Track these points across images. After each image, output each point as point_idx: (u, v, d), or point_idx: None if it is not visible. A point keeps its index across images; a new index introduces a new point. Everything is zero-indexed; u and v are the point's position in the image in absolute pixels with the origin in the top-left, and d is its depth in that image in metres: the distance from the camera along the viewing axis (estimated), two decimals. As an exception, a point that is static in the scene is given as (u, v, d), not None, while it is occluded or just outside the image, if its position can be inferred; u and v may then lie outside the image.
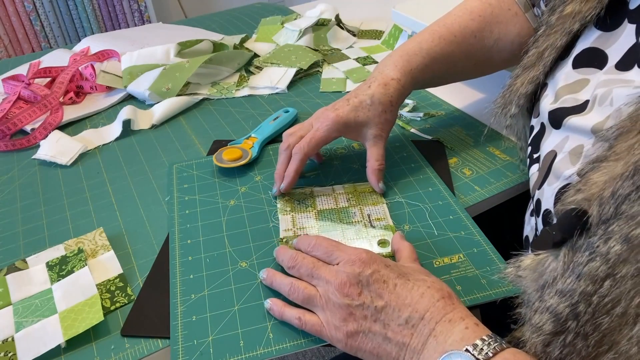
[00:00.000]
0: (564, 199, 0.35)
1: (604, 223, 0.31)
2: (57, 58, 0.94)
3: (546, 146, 0.44)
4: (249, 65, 0.90)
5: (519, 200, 0.60)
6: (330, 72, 0.86)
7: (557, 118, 0.43)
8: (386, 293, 0.39)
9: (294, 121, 0.72)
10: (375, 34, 0.99)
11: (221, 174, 0.62)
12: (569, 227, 0.33)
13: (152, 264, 0.51)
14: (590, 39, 0.44)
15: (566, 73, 0.45)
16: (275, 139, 0.68)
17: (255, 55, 0.93)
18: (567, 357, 0.32)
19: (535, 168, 0.46)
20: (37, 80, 0.85)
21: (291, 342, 0.42)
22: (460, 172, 0.61)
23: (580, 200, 0.33)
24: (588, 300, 0.31)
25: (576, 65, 0.44)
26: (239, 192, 0.59)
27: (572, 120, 0.41)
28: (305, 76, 0.86)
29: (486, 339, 0.34)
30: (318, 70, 0.88)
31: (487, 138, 0.66)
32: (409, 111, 0.73)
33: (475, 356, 0.33)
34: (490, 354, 0.33)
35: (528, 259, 0.37)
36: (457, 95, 0.76)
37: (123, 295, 0.48)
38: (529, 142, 0.49)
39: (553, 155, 0.42)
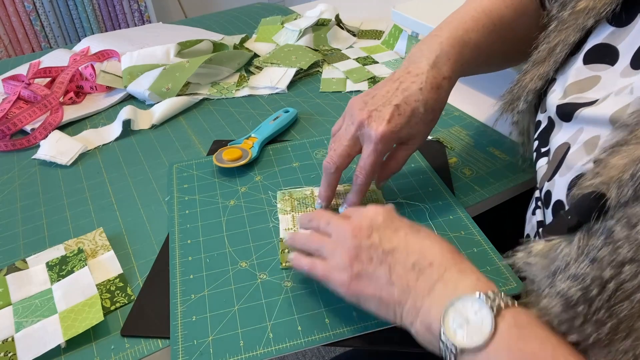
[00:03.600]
0: (581, 183, 0.34)
1: (622, 206, 0.31)
2: (57, 58, 0.94)
3: (557, 139, 0.43)
4: (249, 65, 0.90)
5: (519, 200, 0.60)
6: (330, 72, 0.86)
7: (567, 112, 0.42)
8: (396, 239, 0.40)
9: (293, 121, 0.72)
10: (375, 34, 0.99)
11: (221, 174, 0.62)
12: (586, 211, 0.33)
13: (152, 264, 0.51)
14: (603, 35, 0.43)
15: (577, 69, 0.44)
16: (275, 138, 0.69)
17: (255, 55, 0.93)
18: (573, 337, 0.32)
19: (543, 161, 0.45)
20: (37, 80, 0.85)
21: (291, 342, 0.42)
22: (460, 172, 0.61)
23: (598, 183, 0.33)
24: (602, 285, 0.30)
25: (587, 61, 0.43)
26: (239, 192, 0.59)
27: (586, 111, 0.40)
28: (305, 76, 0.86)
29: (498, 292, 0.34)
30: (318, 70, 0.88)
31: (487, 138, 0.66)
32: (409, 111, 0.73)
33: (488, 303, 0.33)
34: (502, 306, 0.33)
35: (539, 244, 0.36)
36: (457, 95, 0.76)
37: (123, 295, 0.48)
38: (535, 136, 0.48)
39: (566, 148, 0.41)
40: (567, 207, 0.37)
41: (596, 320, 0.31)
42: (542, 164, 0.45)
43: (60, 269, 0.50)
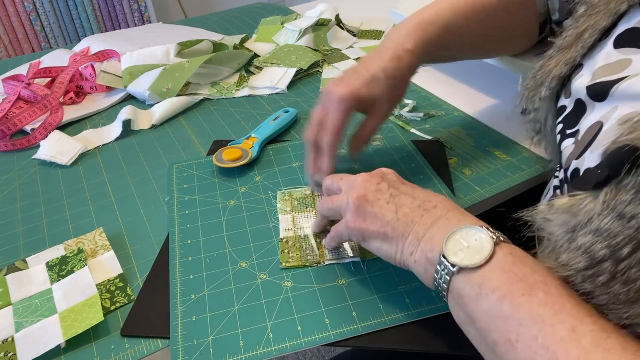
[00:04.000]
0: (616, 139, 0.33)
1: None
2: (57, 58, 0.94)
3: (589, 120, 0.42)
4: (249, 65, 0.90)
5: (519, 200, 0.60)
6: (330, 72, 0.86)
7: (600, 91, 0.41)
8: (403, 187, 0.43)
9: (294, 121, 0.72)
10: (375, 34, 0.99)
11: (221, 174, 0.62)
12: (618, 164, 0.32)
13: (152, 264, 0.51)
14: (635, 20, 0.42)
15: (606, 52, 0.43)
16: (275, 139, 0.69)
17: (255, 55, 0.93)
18: (597, 296, 0.32)
19: (569, 142, 0.44)
20: (37, 80, 0.85)
21: (291, 342, 0.42)
22: (460, 172, 0.61)
23: (633, 137, 0.32)
24: (636, 244, 0.30)
25: (618, 44, 0.42)
26: (239, 192, 0.59)
27: (623, 86, 0.38)
28: (305, 76, 0.86)
29: (498, 232, 0.37)
30: (318, 70, 0.88)
31: (487, 138, 0.66)
32: (409, 111, 0.73)
33: (488, 234, 0.36)
34: (501, 239, 0.36)
35: (563, 199, 0.35)
36: (457, 95, 0.76)
37: (123, 295, 0.48)
38: (559, 120, 0.47)
39: (599, 126, 0.40)
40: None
41: (625, 280, 0.30)
42: (567, 144, 0.44)
43: (60, 269, 0.50)
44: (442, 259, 0.36)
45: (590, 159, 0.39)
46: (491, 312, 0.33)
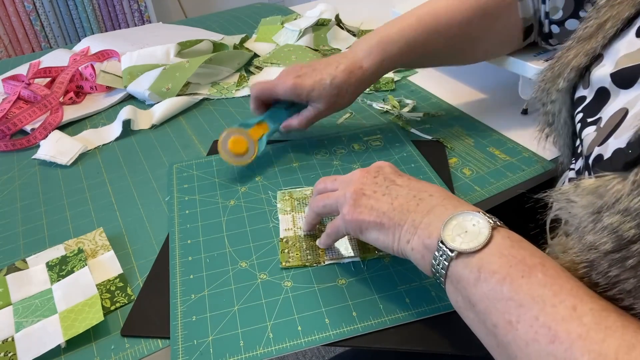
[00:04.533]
0: None
1: None
2: (57, 58, 0.94)
3: (612, 107, 0.41)
4: (249, 65, 0.90)
5: (519, 200, 0.60)
6: (330, 72, 0.86)
7: (628, 76, 0.40)
8: (399, 180, 0.44)
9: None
10: (375, 34, 0.99)
11: (221, 174, 0.62)
12: None
13: (152, 264, 0.51)
14: None
15: (628, 41, 0.42)
16: (275, 139, 0.68)
17: (255, 55, 0.93)
18: (624, 280, 0.31)
19: (590, 129, 0.43)
20: (37, 80, 0.85)
21: (291, 342, 0.42)
22: (460, 172, 0.61)
23: None
24: None
25: None
26: (239, 192, 0.59)
27: None
28: (305, 76, 0.86)
29: (495, 218, 0.37)
30: (318, 70, 0.87)
31: (487, 138, 0.66)
32: (409, 111, 0.73)
33: (486, 219, 0.36)
34: (499, 224, 0.36)
35: (589, 180, 0.34)
36: (457, 95, 0.76)
37: (123, 295, 0.48)
38: (579, 110, 0.46)
39: (624, 113, 0.39)
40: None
41: None
42: (589, 132, 0.43)
43: (60, 269, 0.50)
44: (440, 244, 0.36)
45: (615, 145, 0.38)
46: (491, 294, 0.33)
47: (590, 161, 0.41)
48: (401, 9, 0.87)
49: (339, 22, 1.00)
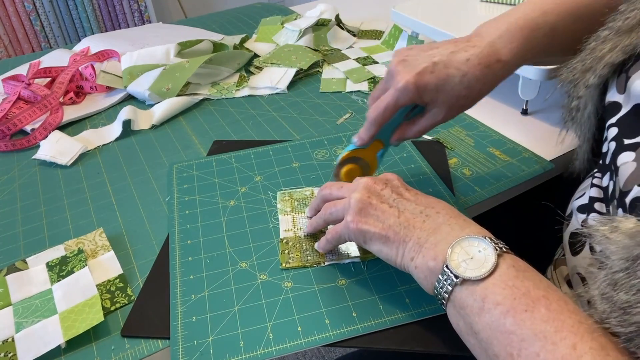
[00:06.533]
0: None
1: None
2: (57, 58, 0.94)
3: None
4: (249, 66, 0.90)
5: (519, 200, 0.60)
6: (330, 72, 0.86)
7: None
8: (407, 193, 0.43)
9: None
10: (375, 34, 0.99)
11: (221, 175, 0.62)
12: None
13: (152, 265, 0.51)
14: None
15: None
16: (275, 139, 0.68)
17: (255, 55, 0.92)
18: None
19: (629, 157, 0.37)
20: (37, 80, 0.85)
21: (291, 342, 0.42)
22: (460, 172, 0.61)
23: None
24: None
25: None
26: (239, 193, 0.59)
27: None
28: (305, 76, 0.86)
29: (502, 243, 0.36)
30: (318, 71, 0.87)
31: (487, 138, 0.66)
32: (409, 111, 0.73)
33: (492, 245, 0.35)
34: (504, 250, 0.36)
35: (629, 222, 0.31)
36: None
37: (123, 295, 0.47)
38: (613, 122, 0.41)
39: None
40: None
41: None
42: (626, 160, 0.37)
43: (60, 269, 0.50)
44: (446, 269, 0.36)
45: None
46: (494, 326, 0.33)
47: (627, 199, 0.36)
48: (401, 9, 0.87)
49: (339, 22, 1.00)
